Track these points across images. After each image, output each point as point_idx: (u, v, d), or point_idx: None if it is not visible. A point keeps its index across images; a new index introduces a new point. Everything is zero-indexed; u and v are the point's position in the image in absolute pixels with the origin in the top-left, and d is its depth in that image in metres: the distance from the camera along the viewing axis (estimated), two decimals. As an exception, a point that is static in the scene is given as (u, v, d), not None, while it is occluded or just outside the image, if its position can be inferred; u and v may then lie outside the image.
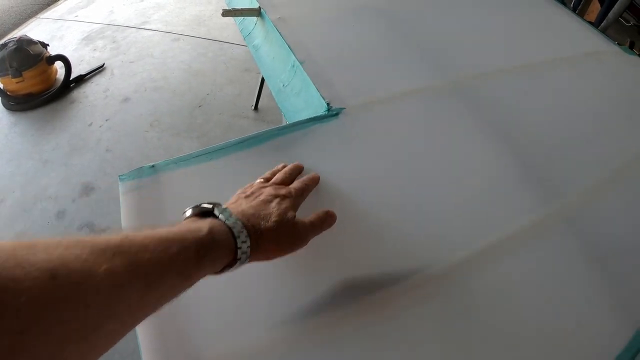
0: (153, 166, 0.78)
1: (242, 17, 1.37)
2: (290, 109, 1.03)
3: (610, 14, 3.42)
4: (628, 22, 4.06)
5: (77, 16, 4.28)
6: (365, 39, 1.20)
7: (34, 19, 4.40)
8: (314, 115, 0.92)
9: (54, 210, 2.34)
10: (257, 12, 1.30)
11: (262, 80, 2.67)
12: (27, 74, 3.10)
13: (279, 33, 1.14)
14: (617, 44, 1.43)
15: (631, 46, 3.35)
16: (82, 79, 3.30)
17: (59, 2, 4.68)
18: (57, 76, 3.37)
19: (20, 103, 3.13)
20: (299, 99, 1.02)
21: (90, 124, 2.83)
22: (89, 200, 2.36)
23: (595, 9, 3.80)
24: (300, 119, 0.91)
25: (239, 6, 1.39)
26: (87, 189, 2.41)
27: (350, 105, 0.94)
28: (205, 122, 2.82)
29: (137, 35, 3.76)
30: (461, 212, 0.79)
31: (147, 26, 3.88)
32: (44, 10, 4.56)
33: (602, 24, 3.35)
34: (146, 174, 0.77)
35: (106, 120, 2.85)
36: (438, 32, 1.28)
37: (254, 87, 2.97)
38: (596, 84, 1.22)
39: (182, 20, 3.93)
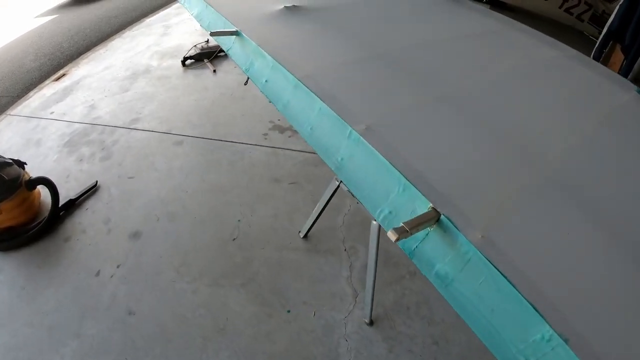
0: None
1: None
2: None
3: (636, 66, 3.32)
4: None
5: (53, 112, 3.78)
6: (466, 147, 1.07)
7: (2, 115, 3.87)
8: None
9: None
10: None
11: (324, 207, 2.16)
12: (4, 205, 2.60)
13: (378, 153, 0.94)
14: None
15: None
16: (73, 204, 2.80)
17: (30, 95, 4.17)
18: (42, 198, 2.86)
19: (1, 241, 2.58)
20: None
21: (98, 273, 2.31)
22: (121, 393, 1.81)
23: (617, 60, 3.69)
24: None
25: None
26: (116, 375, 1.87)
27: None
28: (246, 261, 2.29)
29: (129, 138, 3.28)
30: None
31: (138, 125, 3.40)
32: (14, 105, 4.04)
33: (629, 75, 3.27)
34: None
35: (117, 267, 2.33)
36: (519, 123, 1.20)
37: (290, 203, 2.53)
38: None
39: (178, 114, 3.47)
